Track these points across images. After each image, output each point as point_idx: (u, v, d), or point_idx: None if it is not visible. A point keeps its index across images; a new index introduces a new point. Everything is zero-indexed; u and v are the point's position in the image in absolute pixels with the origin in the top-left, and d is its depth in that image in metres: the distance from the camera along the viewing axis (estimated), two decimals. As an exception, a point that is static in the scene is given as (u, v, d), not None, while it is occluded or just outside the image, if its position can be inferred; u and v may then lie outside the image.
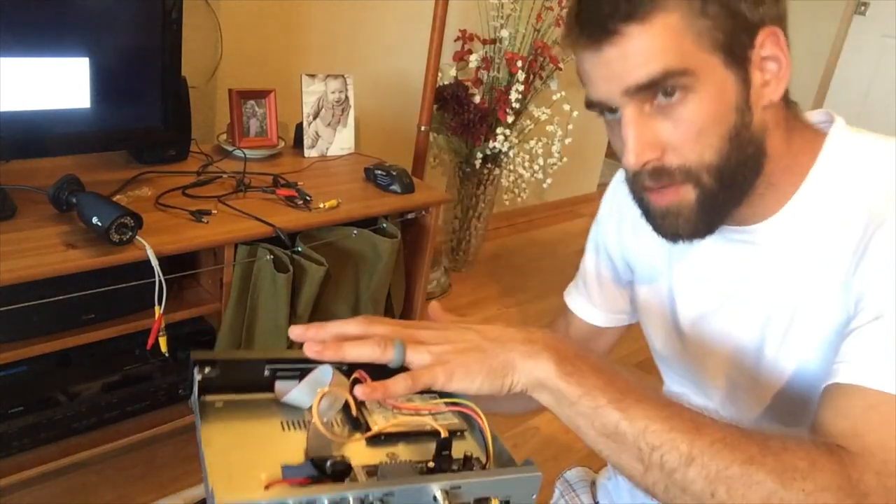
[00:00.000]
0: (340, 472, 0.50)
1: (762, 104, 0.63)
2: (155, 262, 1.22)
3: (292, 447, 0.54)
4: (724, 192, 0.64)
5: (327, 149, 1.87)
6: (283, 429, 0.57)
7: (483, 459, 0.56)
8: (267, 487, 0.48)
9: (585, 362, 0.56)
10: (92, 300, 1.24)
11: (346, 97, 1.88)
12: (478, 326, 0.57)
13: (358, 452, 0.54)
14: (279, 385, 0.60)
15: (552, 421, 1.05)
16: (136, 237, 1.21)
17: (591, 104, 0.66)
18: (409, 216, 1.72)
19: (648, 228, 0.69)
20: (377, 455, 0.54)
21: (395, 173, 1.67)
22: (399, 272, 1.70)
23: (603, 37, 0.60)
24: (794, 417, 0.71)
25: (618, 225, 0.86)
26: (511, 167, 2.59)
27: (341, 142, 1.89)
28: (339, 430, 0.57)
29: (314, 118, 1.83)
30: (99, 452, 1.38)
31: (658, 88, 0.60)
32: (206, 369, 0.58)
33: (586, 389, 0.54)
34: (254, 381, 0.60)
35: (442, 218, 2.24)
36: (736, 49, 0.61)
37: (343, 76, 1.87)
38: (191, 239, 1.30)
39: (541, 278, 2.71)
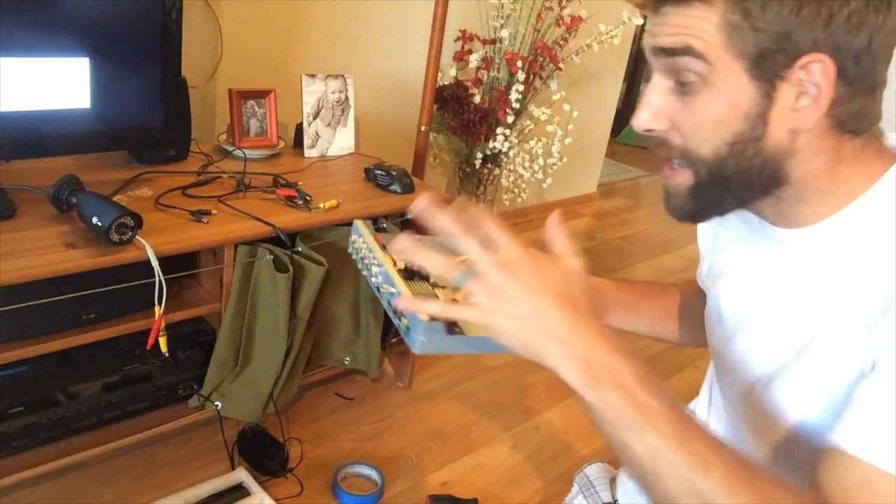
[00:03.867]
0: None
1: (788, 126, 0.62)
2: (155, 262, 1.22)
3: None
4: (717, 190, 0.65)
5: (327, 149, 1.87)
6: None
7: None
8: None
9: (613, 378, 0.56)
10: (92, 300, 1.24)
11: (346, 97, 1.88)
12: (550, 290, 0.59)
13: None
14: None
15: (552, 421, 1.05)
16: (136, 237, 1.21)
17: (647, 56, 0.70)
18: (409, 216, 1.72)
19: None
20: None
21: (395, 173, 1.67)
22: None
23: (658, 5, 0.63)
24: (794, 463, 0.70)
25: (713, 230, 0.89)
26: (511, 167, 2.59)
27: (341, 142, 1.89)
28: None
29: (314, 118, 1.83)
30: (99, 452, 1.38)
31: (675, 66, 0.62)
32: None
33: (606, 407, 0.56)
34: None
35: (442, 218, 2.24)
36: (767, 64, 0.60)
37: (343, 76, 1.87)
38: (191, 239, 1.30)
39: (541, 278, 2.71)
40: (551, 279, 0.59)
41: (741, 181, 0.64)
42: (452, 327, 0.65)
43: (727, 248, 0.82)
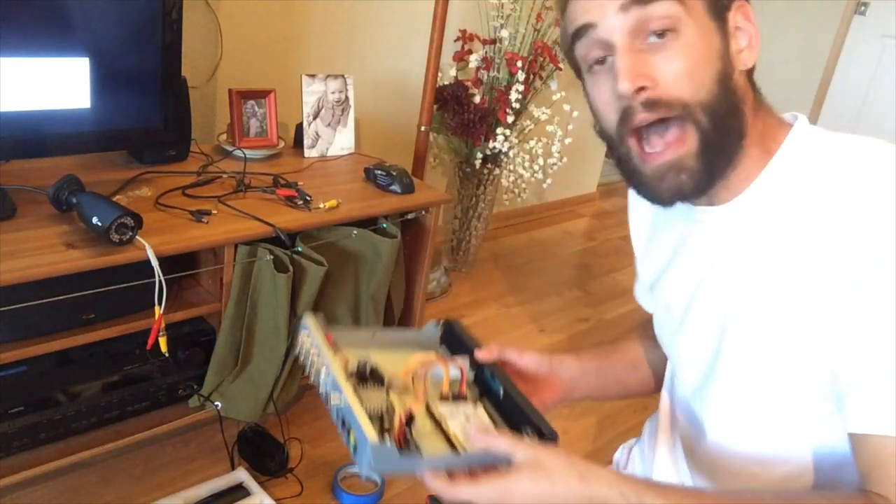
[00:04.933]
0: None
1: (739, 67, 0.66)
2: (155, 262, 1.22)
3: None
4: (721, 138, 0.64)
5: (327, 149, 1.87)
6: None
7: None
8: None
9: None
10: (92, 300, 1.24)
11: (346, 97, 1.88)
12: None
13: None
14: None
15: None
16: (136, 237, 1.21)
17: (577, 34, 0.67)
18: (409, 216, 1.72)
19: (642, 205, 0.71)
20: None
21: (395, 173, 1.67)
22: (399, 272, 1.70)
23: None
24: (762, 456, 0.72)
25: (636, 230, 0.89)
26: (511, 167, 2.59)
27: (341, 142, 1.89)
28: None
29: (314, 118, 1.83)
30: (99, 452, 1.38)
31: (649, 17, 0.62)
32: None
33: None
34: None
35: (442, 218, 2.24)
36: (718, 5, 0.64)
37: (343, 76, 1.87)
38: (191, 239, 1.30)
39: (541, 278, 2.71)
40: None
41: (734, 125, 0.65)
42: (405, 444, 0.61)
43: (663, 239, 0.82)
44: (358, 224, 1.56)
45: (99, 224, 1.17)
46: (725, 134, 0.65)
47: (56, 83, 1.28)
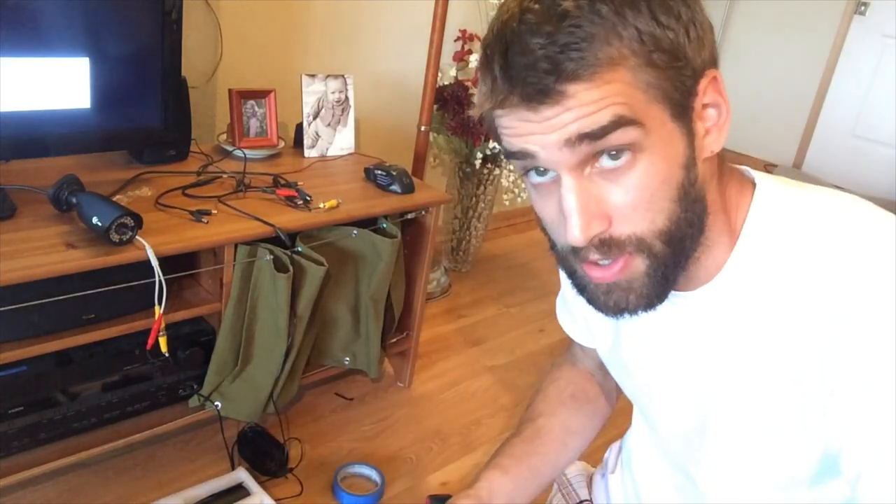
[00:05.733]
0: None
1: (703, 156, 0.58)
2: (155, 262, 1.22)
3: None
4: (673, 258, 0.58)
5: (327, 149, 1.87)
6: None
7: None
8: None
9: None
10: (92, 300, 1.24)
11: (346, 97, 1.88)
12: None
13: None
14: None
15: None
16: (136, 237, 1.21)
17: (512, 155, 0.57)
18: (409, 216, 1.72)
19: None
20: None
21: (395, 173, 1.67)
22: (399, 272, 1.70)
23: (542, 98, 0.52)
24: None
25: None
26: (511, 167, 2.59)
27: (341, 142, 1.89)
28: None
29: (314, 118, 1.83)
30: (99, 452, 1.38)
31: (604, 147, 0.53)
32: None
33: None
34: None
35: (442, 218, 2.24)
36: (682, 99, 0.55)
37: (343, 76, 1.87)
38: (191, 239, 1.30)
39: (541, 278, 2.71)
40: None
41: (691, 235, 0.59)
42: None
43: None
44: (358, 224, 1.56)
45: (99, 224, 1.17)
46: (680, 251, 0.59)
47: (56, 83, 1.28)
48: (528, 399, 0.96)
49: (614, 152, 0.54)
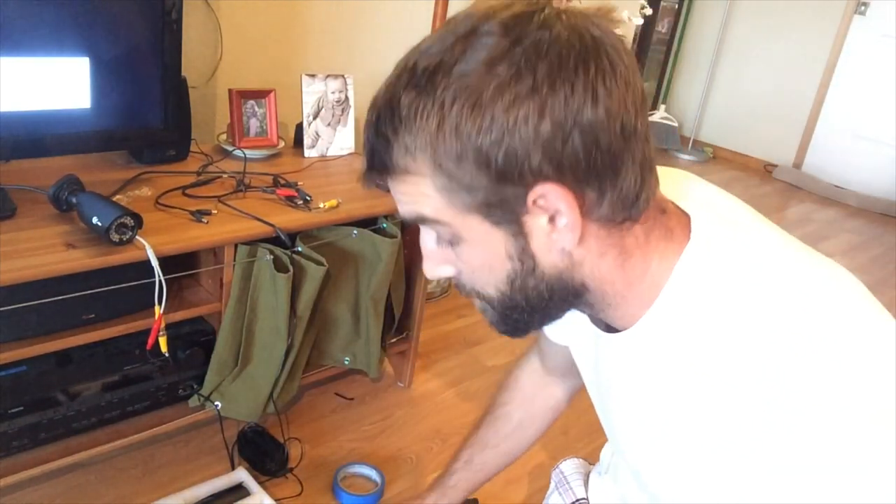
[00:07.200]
0: None
1: (556, 248, 0.57)
2: (155, 262, 1.22)
3: None
4: (520, 314, 0.62)
5: (327, 149, 1.87)
6: None
7: None
8: None
9: None
10: (92, 300, 1.24)
11: (346, 97, 1.88)
12: None
13: None
14: None
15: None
16: (136, 237, 1.21)
17: None
18: (409, 216, 1.72)
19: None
20: None
21: (395, 173, 1.67)
22: (399, 272, 1.70)
23: (379, 176, 0.61)
24: None
25: None
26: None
27: (341, 142, 1.89)
28: None
29: (314, 118, 1.83)
30: (99, 452, 1.38)
31: (427, 228, 0.61)
32: None
33: None
34: None
35: (442, 218, 2.24)
36: (498, 211, 0.55)
37: (343, 76, 1.87)
38: (191, 239, 1.30)
39: (541, 278, 2.71)
40: None
41: (537, 305, 0.61)
42: None
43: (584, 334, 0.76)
44: (358, 224, 1.56)
45: (99, 224, 1.17)
46: (522, 313, 0.62)
47: (56, 83, 1.28)
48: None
49: (439, 235, 0.60)
